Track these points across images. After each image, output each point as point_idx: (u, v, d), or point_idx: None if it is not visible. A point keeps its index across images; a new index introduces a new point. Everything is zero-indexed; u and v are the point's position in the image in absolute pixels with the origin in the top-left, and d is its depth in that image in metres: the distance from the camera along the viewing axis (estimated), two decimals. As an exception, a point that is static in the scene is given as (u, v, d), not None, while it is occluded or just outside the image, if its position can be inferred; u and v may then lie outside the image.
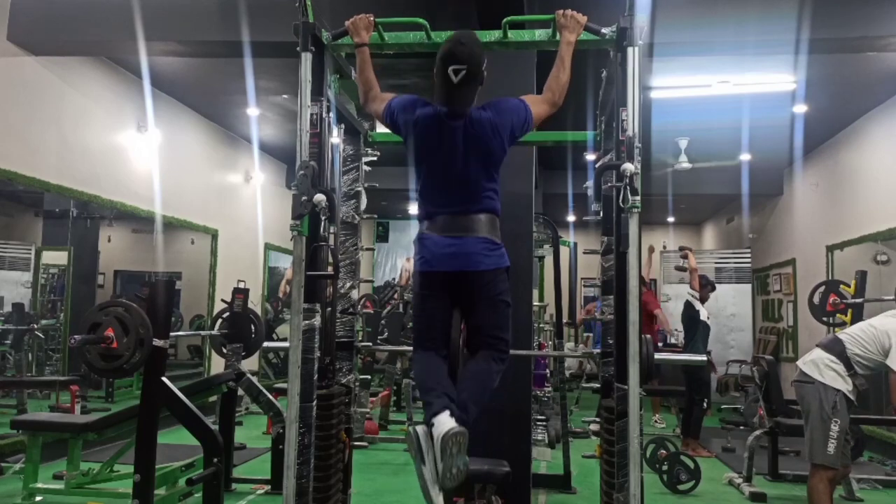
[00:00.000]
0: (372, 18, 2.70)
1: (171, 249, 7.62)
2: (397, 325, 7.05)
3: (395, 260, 13.21)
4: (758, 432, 5.24)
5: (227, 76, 6.64)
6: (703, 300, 6.76)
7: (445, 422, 2.25)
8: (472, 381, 2.49)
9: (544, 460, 5.96)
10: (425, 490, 2.27)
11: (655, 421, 7.99)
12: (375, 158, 3.71)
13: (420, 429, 2.30)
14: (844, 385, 3.52)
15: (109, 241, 7.03)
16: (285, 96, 7.27)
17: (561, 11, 2.65)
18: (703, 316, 6.66)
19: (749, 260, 10.66)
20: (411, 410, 6.51)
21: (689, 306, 6.76)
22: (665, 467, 5.04)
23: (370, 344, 5.77)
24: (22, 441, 4.51)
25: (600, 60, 3.21)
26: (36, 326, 5.91)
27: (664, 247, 12.26)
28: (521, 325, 3.89)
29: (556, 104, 2.63)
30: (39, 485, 4.08)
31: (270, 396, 4.83)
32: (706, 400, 6.45)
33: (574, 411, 8.12)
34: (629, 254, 2.38)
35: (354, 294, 3.56)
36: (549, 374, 7.08)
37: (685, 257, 7.07)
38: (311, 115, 2.61)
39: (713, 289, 7.08)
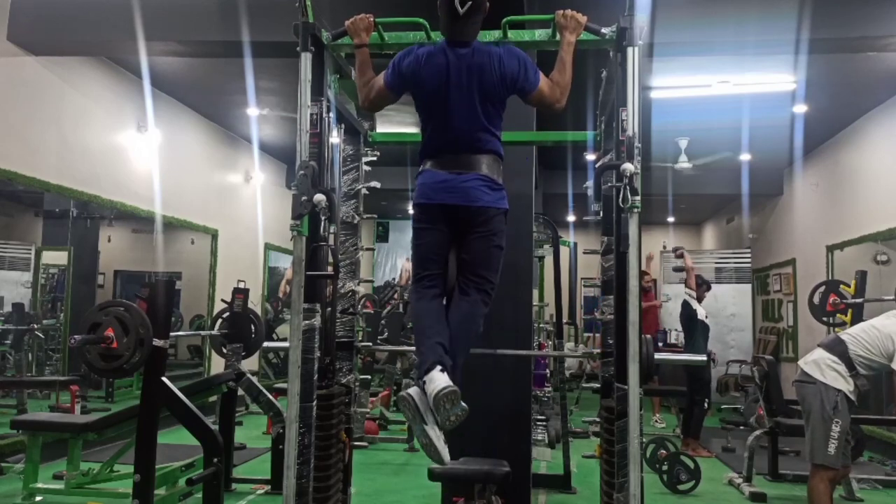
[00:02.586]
0: (372, 19, 2.69)
1: (171, 249, 7.62)
2: (397, 325, 7.04)
3: (395, 260, 13.22)
4: (758, 432, 5.24)
5: (227, 76, 6.64)
6: (699, 299, 6.76)
7: (437, 378, 2.28)
8: (460, 329, 2.51)
9: (544, 460, 5.96)
10: (431, 448, 2.30)
11: (655, 421, 7.99)
12: (375, 158, 3.72)
13: (413, 391, 2.33)
14: (846, 385, 3.52)
15: (109, 241, 7.03)
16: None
17: (561, 12, 2.65)
18: (701, 315, 6.66)
19: (749, 260, 10.66)
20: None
21: (686, 306, 6.77)
22: (665, 467, 5.04)
23: (370, 344, 5.77)
24: (22, 441, 4.51)
25: (600, 60, 3.20)
26: (36, 326, 5.90)
27: (664, 247, 12.26)
28: (521, 325, 3.89)
29: (559, 102, 2.63)
30: (39, 485, 4.08)
31: (270, 396, 4.83)
32: (707, 400, 6.45)
33: (574, 411, 8.11)
34: (629, 254, 2.38)
35: (361, 289, 3.56)
36: (549, 374, 7.08)
37: (680, 257, 7.08)
38: (311, 115, 2.61)
39: (708, 288, 7.10)
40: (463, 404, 2.26)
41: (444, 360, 2.35)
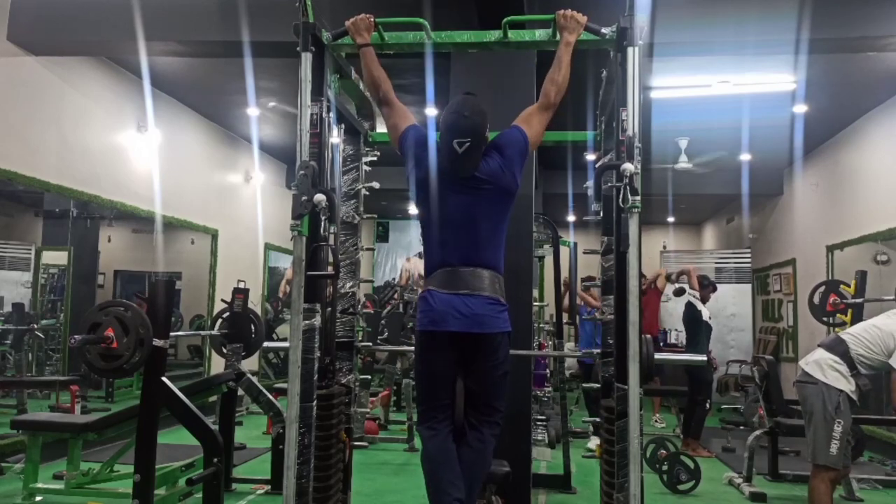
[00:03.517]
0: (372, 19, 2.70)
1: (171, 249, 7.62)
2: (397, 325, 7.04)
3: (395, 260, 13.21)
4: (758, 432, 5.24)
5: (227, 76, 6.64)
6: (703, 300, 6.76)
7: None
8: (472, 471, 2.50)
9: (544, 460, 5.96)
10: None
11: (655, 421, 7.99)
12: (375, 158, 3.72)
13: None
14: (847, 385, 3.52)
15: (109, 241, 7.03)
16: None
17: (561, 12, 2.65)
18: (705, 316, 6.66)
19: (749, 260, 10.66)
20: (411, 410, 6.51)
21: (690, 307, 6.77)
22: (665, 467, 5.04)
23: (370, 344, 5.77)
24: (22, 441, 4.51)
25: (600, 60, 3.21)
26: (36, 326, 5.90)
27: (664, 247, 12.26)
28: (521, 325, 3.89)
29: (554, 105, 2.65)
30: (39, 485, 4.08)
31: (270, 396, 4.83)
32: (708, 400, 6.45)
33: (574, 411, 8.11)
34: (629, 254, 2.38)
35: (359, 292, 3.55)
36: (549, 374, 7.08)
37: (684, 273, 7.11)
38: (311, 115, 2.61)
39: (714, 289, 7.09)
40: None
41: None
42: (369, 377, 7.26)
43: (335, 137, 3.20)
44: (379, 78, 2.71)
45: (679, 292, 7.37)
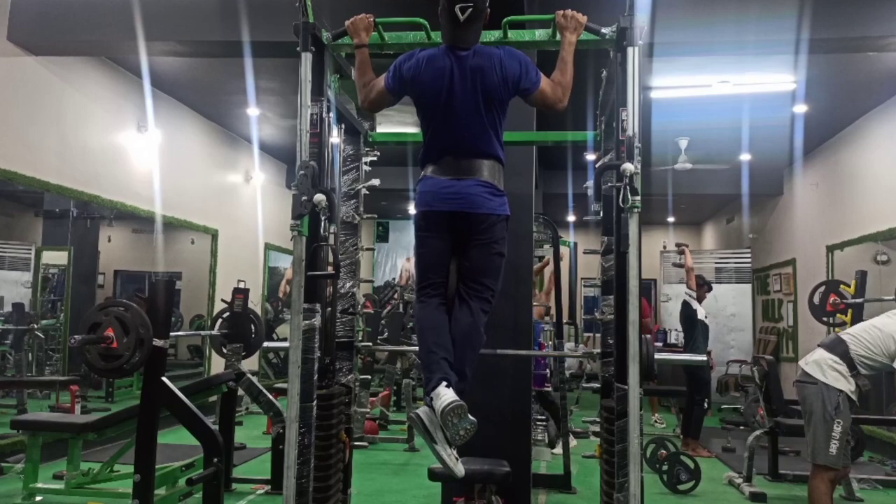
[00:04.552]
0: (371, 19, 2.69)
1: (171, 249, 7.62)
2: (397, 325, 7.04)
3: (395, 260, 13.22)
4: (758, 432, 5.24)
5: (227, 76, 6.65)
6: (699, 299, 6.76)
7: (443, 394, 2.31)
8: (464, 342, 2.52)
9: (544, 460, 5.96)
10: (444, 465, 2.36)
11: (655, 421, 7.99)
12: (375, 158, 3.72)
13: (422, 411, 2.35)
14: (847, 385, 3.52)
15: (109, 241, 7.03)
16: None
17: (561, 12, 2.65)
18: (701, 315, 6.66)
19: (749, 260, 10.66)
20: (411, 410, 6.51)
21: (686, 306, 6.76)
22: (665, 467, 5.04)
23: (370, 344, 5.77)
24: (22, 441, 4.51)
25: (600, 60, 3.20)
26: (36, 326, 5.90)
27: (664, 247, 12.26)
28: (521, 325, 3.89)
29: (562, 101, 2.62)
30: (39, 485, 4.08)
31: (270, 396, 4.83)
32: (707, 400, 6.45)
33: (574, 411, 8.11)
34: (629, 254, 2.38)
35: (359, 292, 3.56)
36: (549, 374, 7.07)
37: (682, 253, 7.08)
38: (311, 115, 2.61)
39: (710, 289, 7.10)
40: (471, 417, 2.28)
41: (449, 376, 2.37)
42: (369, 377, 7.26)
43: (335, 137, 3.20)
44: (369, 82, 2.64)
45: (678, 265, 7.40)
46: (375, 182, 3.66)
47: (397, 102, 2.69)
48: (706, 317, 6.77)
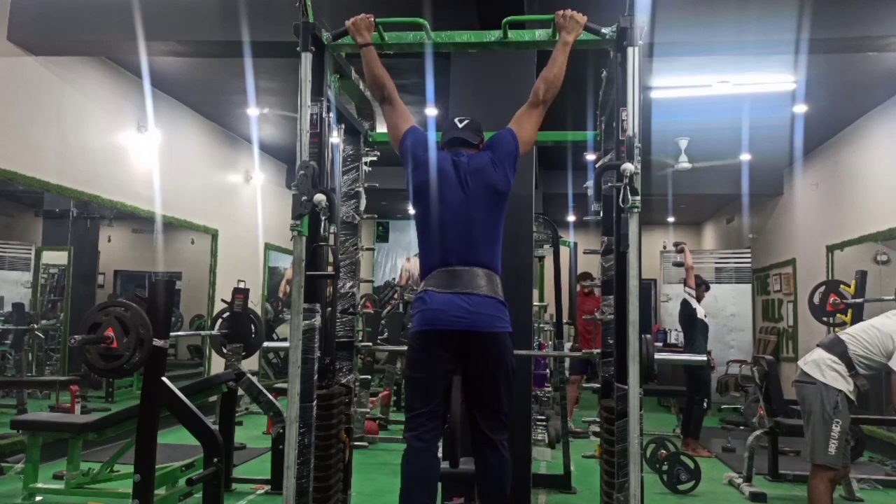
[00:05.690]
0: (372, 19, 2.70)
1: (171, 249, 7.62)
2: (397, 325, 7.04)
3: (395, 260, 13.22)
4: (758, 432, 5.24)
5: (227, 76, 6.65)
6: (699, 299, 6.76)
7: None
8: (499, 488, 2.44)
9: (544, 460, 5.96)
10: None
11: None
12: (375, 158, 3.72)
13: None
14: (846, 385, 3.52)
15: (109, 241, 7.03)
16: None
17: (560, 12, 2.65)
18: (701, 314, 6.65)
19: (749, 260, 10.65)
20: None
21: (685, 305, 6.76)
22: (665, 467, 5.04)
23: (370, 344, 5.77)
24: (22, 441, 4.51)
25: (600, 60, 3.21)
26: (36, 326, 5.90)
27: (664, 247, 12.26)
28: (522, 325, 3.89)
29: (544, 102, 2.66)
30: (39, 485, 4.07)
31: (270, 396, 4.83)
32: (706, 400, 6.45)
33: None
34: (629, 254, 2.38)
35: (359, 292, 3.56)
36: (549, 374, 7.07)
37: (681, 251, 7.08)
38: (311, 115, 2.61)
39: (707, 288, 7.10)
40: None
41: None
42: (369, 377, 7.25)
43: (335, 137, 3.20)
44: (381, 77, 2.72)
45: (678, 264, 7.44)
46: (375, 185, 3.66)
47: (397, 146, 2.76)
48: (706, 316, 6.76)
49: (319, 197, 2.48)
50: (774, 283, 10.13)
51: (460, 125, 2.70)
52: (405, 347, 5.79)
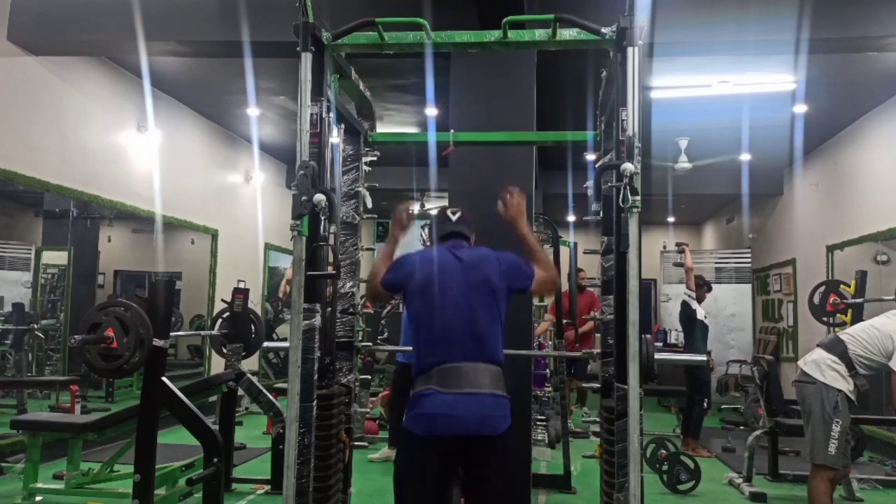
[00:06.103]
0: (414, 211, 2.82)
1: (171, 249, 7.62)
2: (397, 326, 7.03)
3: (395, 260, 13.20)
4: (758, 432, 5.24)
5: (227, 76, 6.65)
6: (699, 300, 6.76)
7: None
8: None
9: (544, 460, 5.96)
10: None
11: (584, 412, 8.06)
12: (375, 158, 3.71)
13: None
14: (846, 385, 3.52)
15: (109, 241, 7.03)
16: (282, 97, 7.30)
17: (502, 200, 2.72)
18: (700, 315, 6.66)
19: (749, 260, 10.66)
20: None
21: (685, 306, 6.76)
22: (665, 467, 5.04)
23: (370, 344, 5.76)
24: (22, 441, 4.51)
25: (600, 60, 3.20)
26: (36, 326, 5.90)
27: (664, 247, 12.26)
28: (521, 325, 3.89)
29: (555, 280, 2.70)
30: (39, 485, 4.08)
31: (270, 396, 4.83)
32: (706, 400, 6.45)
33: (574, 411, 8.12)
34: (629, 254, 2.38)
35: (359, 292, 3.56)
36: (549, 374, 7.07)
37: (682, 252, 7.08)
38: (311, 115, 2.60)
39: (709, 289, 7.10)
40: None
41: None
42: (369, 377, 7.26)
43: (335, 137, 3.20)
44: (381, 269, 2.69)
45: (678, 265, 7.45)
46: (375, 185, 3.67)
47: (394, 296, 2.76)
48: (706, 317, 6.76)
49: (319, 197, 2.47)
50: (774, 283, 10.13)
51: (454, 217, 2.69)
52: (405, 347, 5.77)
